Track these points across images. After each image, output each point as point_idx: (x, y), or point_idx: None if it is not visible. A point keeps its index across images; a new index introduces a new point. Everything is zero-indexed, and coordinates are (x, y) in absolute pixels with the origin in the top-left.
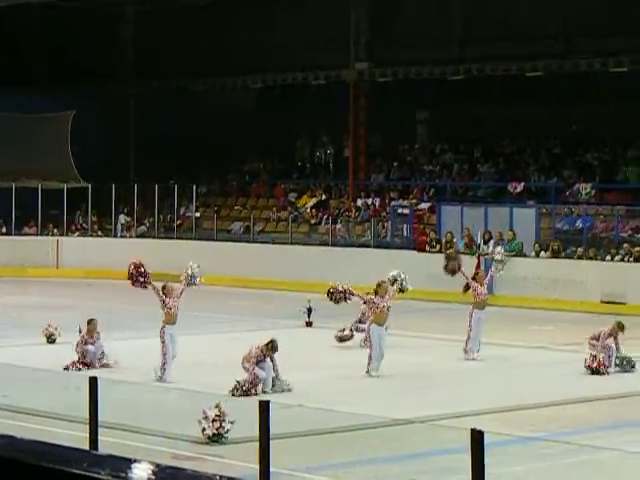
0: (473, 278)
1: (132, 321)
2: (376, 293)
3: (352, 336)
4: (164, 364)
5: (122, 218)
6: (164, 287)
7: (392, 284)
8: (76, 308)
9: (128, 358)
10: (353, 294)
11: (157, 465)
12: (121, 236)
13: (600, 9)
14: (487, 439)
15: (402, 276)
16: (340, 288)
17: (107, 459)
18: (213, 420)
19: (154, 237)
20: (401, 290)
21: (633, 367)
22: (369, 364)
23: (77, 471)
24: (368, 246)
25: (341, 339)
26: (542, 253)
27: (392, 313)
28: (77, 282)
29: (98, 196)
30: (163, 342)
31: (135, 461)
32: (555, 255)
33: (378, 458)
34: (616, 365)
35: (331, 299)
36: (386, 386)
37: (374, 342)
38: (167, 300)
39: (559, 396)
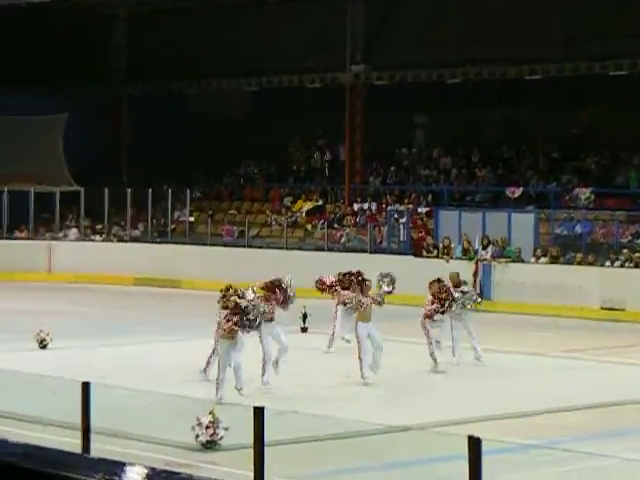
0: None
1: (132, 327)
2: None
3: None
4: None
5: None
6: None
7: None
8: (69, 313)
9: (125, 363)
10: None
11: (151, 469)
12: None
13: (600, 12)
14: (485, 447)
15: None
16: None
17: (100, 463)
18: (207, 427)
19: (147, 242)
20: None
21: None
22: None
23: (71, 474)
24: (364, 251)
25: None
26: (542, 259)
27: (389, 319)
28: (70, 287)
29: (91, 200)
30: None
31: (129, 465)
32: (554, 261)
33: (373, 466)
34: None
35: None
36: (382, 392)
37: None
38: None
39: (556, 403)
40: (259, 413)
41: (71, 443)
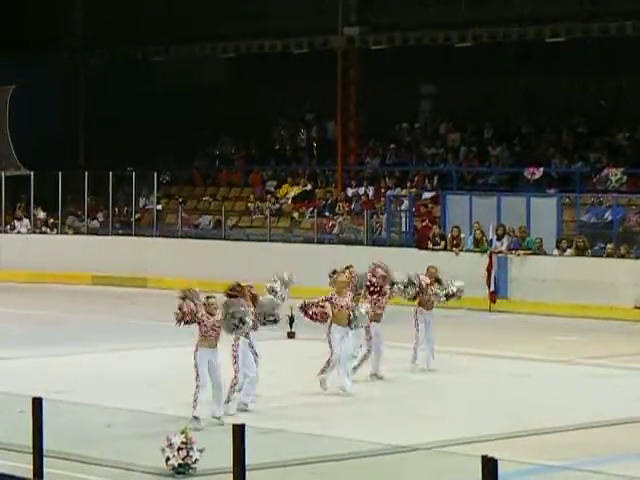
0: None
1: (91, 333)
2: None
3: None
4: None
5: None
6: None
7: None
8: (17, 318)
9: (84, 375)
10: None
11: None
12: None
13: None
14: (501, 468)
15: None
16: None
17: None
18: (179, 448)
19: (108, 234)
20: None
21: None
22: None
23: None
24: (360, 243)
25: None
26: (566, 251)
27: (388, 321)
28: (18, 287)
29: (42, 186)
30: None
31: None
32: (580, 253)
33: None
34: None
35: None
36: (382, 407)
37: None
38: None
39: (586, 418)
40: (239, 432)
41: (21, 468)
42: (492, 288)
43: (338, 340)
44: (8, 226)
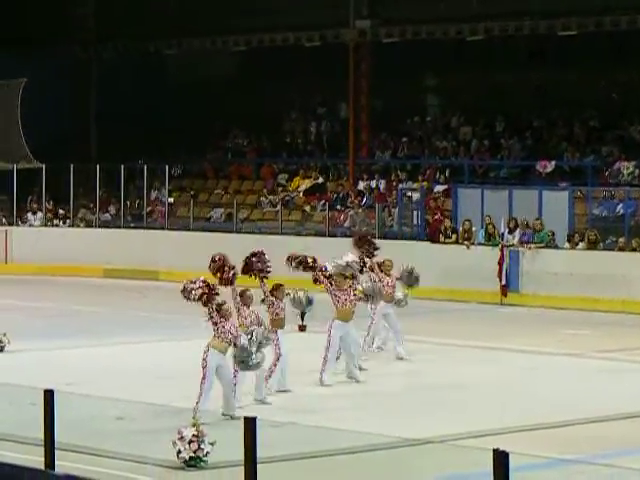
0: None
1: (102, 326)
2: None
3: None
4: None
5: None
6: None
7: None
8: (29, 310)
9: (95, 368)
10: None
11: None
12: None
13: None
14: (513, 462)
15: None
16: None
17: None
18: (190, 441)
19: (120, 227)
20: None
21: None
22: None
23: None
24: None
25: None
26: (578, 244)
27: (399, 315)
28: (30, 280)
29: (54, 178)
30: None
31: None
32: (592, 246)
33: None
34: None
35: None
36: (393, 400)
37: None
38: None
39: (598, 412)
40: (250, 425)
41: (32, 460)
42: (503, 281)
43: (337, 337)
44: (20, 219)
